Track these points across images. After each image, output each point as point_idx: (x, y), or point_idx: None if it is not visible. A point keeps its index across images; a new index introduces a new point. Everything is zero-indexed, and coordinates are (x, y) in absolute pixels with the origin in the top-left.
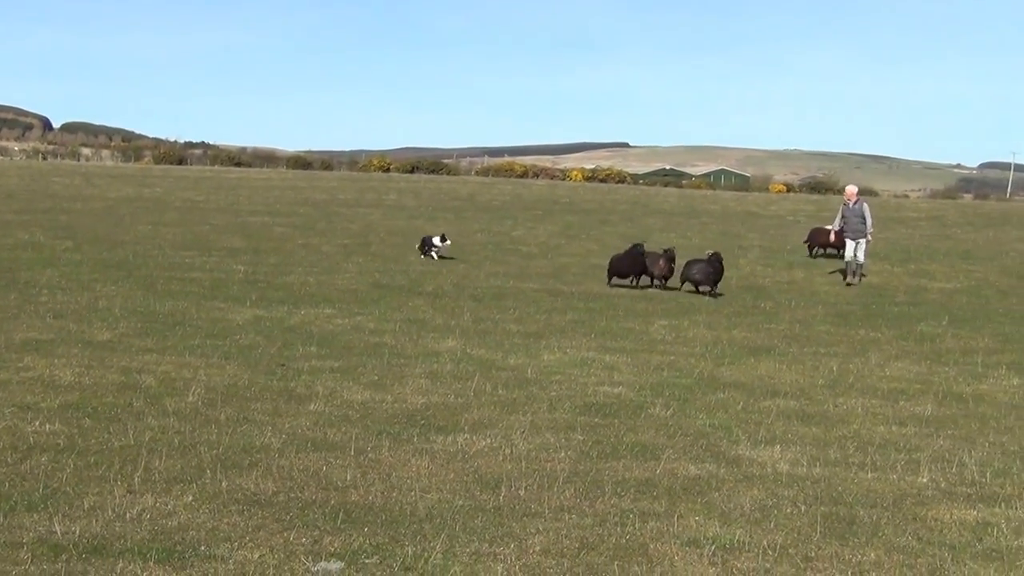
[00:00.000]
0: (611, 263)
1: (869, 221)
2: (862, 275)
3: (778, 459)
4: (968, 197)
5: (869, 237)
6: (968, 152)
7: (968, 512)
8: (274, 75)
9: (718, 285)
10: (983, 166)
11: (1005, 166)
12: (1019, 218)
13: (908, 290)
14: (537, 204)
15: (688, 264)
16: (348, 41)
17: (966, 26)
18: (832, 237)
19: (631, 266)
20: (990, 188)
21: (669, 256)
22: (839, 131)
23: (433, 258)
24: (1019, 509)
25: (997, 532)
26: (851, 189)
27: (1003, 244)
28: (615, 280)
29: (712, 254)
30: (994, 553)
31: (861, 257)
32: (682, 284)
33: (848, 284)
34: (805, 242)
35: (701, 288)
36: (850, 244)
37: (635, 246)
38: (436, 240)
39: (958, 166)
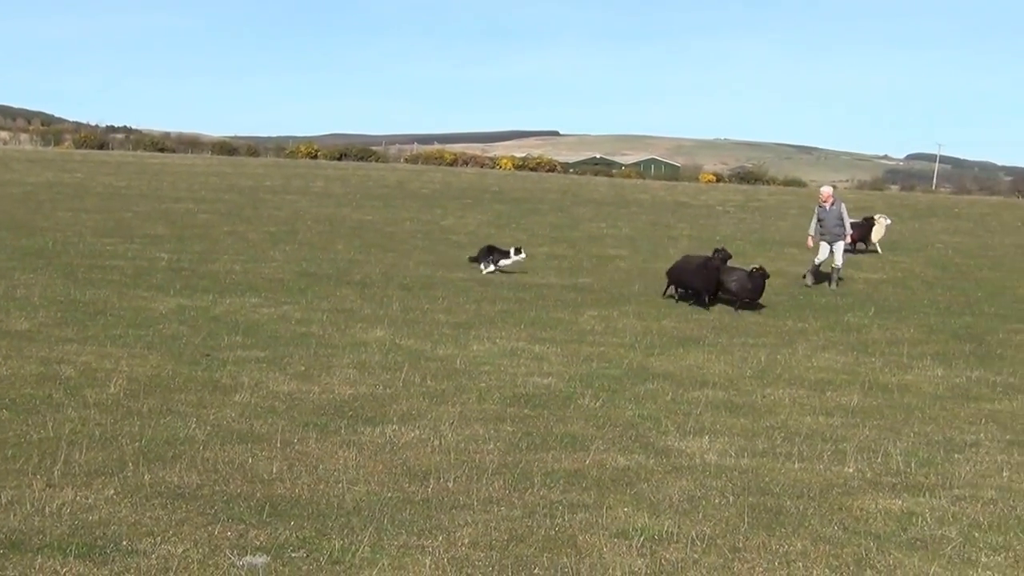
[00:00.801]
0: (675, 272)
1: (847, 223)
2: (839, 279)
3: (706, 450)
4: (895, 188)
5: (847, 240)
6: (895, 143)
7: (893, 502)
8: (199, 59)
9: (755, 301)
10: (909, 157)
11: (931, 157)
12: (944, 210)
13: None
14: (467, 192)
15: (726, 271)
16: (276, 24)
17: (894, 20)
18: (809, 243)
19: (706, 280)
20: (916, 179)
21: (723, 256)
22: (768, 121)
23: (488, 270)
24: (943, 499)
25: (921, 521)
26: (826, 191)
27: (928, 236)
28: (672, 291)
29: (756, 269)
30: (918, 542)
31: (839, 261)
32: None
33: (806, 286)
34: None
35: (725, 297)
36: (824, 248)
37: (714, 253)
38: (511, 252)
39: (885, 157)
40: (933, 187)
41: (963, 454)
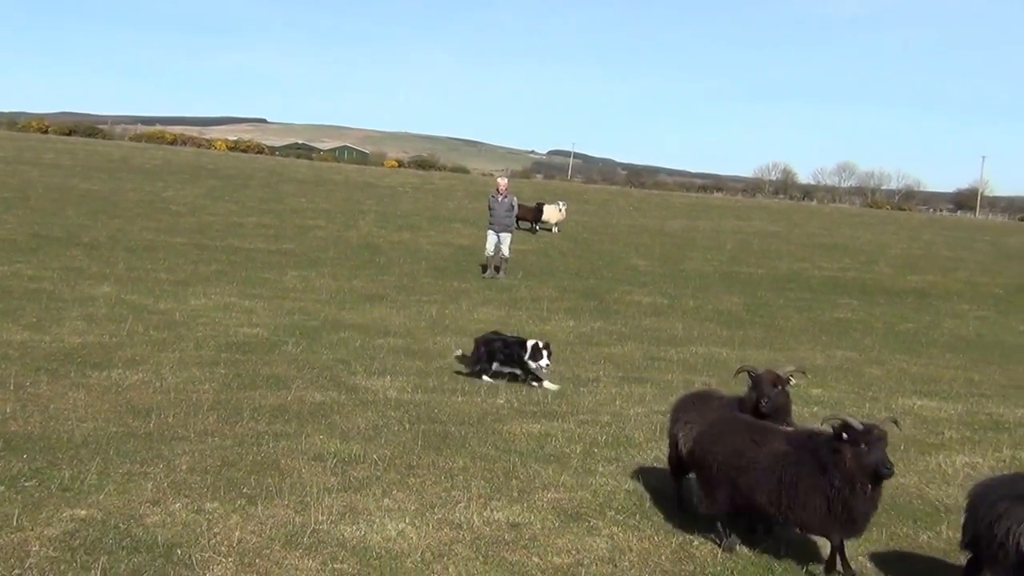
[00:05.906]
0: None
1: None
2: (505, 269)
3: (388, 387)
4: (539, 177)
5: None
6: (540, 140)
7: (534, 426)
8: None
9: None
10: (551, 152)
11: (567, 153)
12: (576, 195)
13: None
14: (185, 169)
15: None
16: (12, 4)
17: (539, 38)
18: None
19: None
20: (555, 170)
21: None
22: (441, 117)
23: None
24: (571, 422)
25: (555, 441)
26: (502, 181)
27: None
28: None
29: None
30: (552, 457)
31: (505, 251)
32: None
33: (487, 277)
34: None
35: None
36: (492, 237)
37: None
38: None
39: (532, 152)
40: (568, 177)
41: (587, 387)
